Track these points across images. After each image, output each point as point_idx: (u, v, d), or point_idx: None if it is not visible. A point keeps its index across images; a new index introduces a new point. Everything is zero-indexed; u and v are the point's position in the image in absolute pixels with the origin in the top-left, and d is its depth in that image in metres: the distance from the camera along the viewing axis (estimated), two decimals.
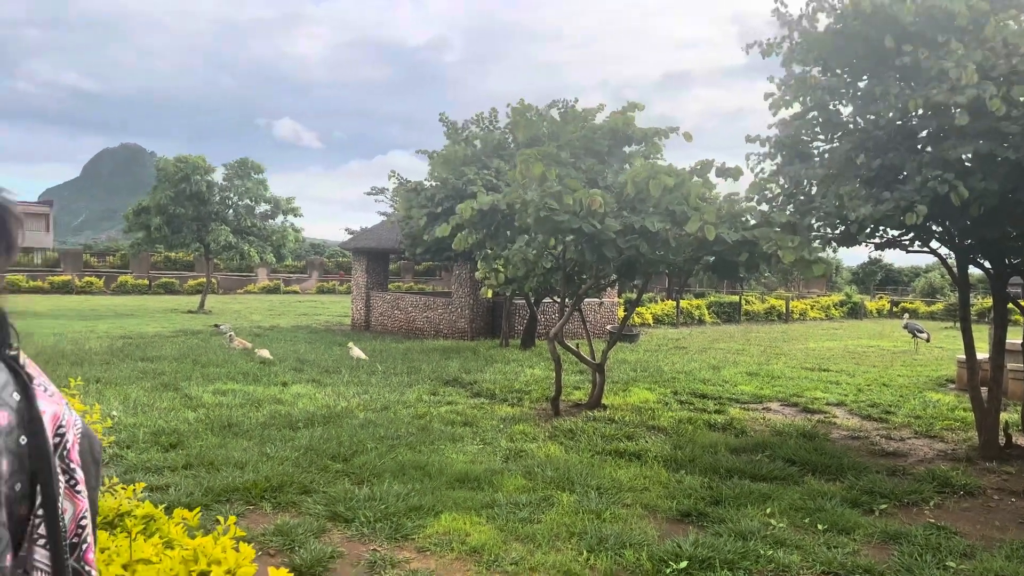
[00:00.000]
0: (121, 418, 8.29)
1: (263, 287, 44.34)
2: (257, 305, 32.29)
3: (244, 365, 12.55)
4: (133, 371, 11.69)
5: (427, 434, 8.15)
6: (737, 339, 21.86)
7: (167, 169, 25.90)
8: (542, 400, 10.49)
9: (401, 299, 21.62)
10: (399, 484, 6.29)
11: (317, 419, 8.65)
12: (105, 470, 6.41)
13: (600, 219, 7.30)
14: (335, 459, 7.00)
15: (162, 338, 17.17)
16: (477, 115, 17.40)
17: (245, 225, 26.89)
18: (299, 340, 17.51)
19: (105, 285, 40.63)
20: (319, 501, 5.85)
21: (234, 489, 6.01)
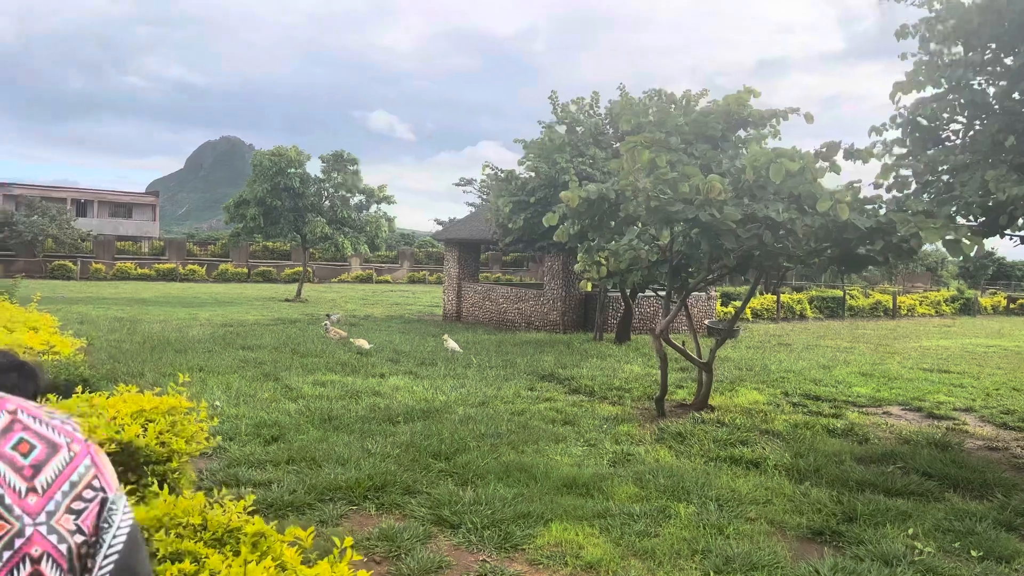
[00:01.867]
0: (224, 408, 8.31)
1: (356, 276, 45.16)
2: (351, 294, 32.80)
3: (342, 355, 12.56)
4: (234, 360, 11.84)
5: (528, 433, 7.84)
6: (844, 336, 20.75)
7: (262, 163, 26.48)
8: (644, 399, 10.05)
9: (492, 290, 21.44)
10: (504, 487, 6.00)
11: (416, 413, 8.47)
12: (208, 463, 6.38)
13: (719, 207, 6.80)
14: (437, 457, 6.77)
15: (261, 326, 17.49)
16: (577, 99, 16.95)
17: (340, 216, 27.27)
18: (393, 330, 17.54)
19: (207, 273, 42.19)
20: (423, 503, 5.62)
21: (336, 487, 5.85)
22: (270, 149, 26.85)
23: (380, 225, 27.73)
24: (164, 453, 3.88)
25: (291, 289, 31.74)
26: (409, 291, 37.25)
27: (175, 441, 3.93)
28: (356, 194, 27.90)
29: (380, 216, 28.12)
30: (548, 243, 15.73)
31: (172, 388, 4.51)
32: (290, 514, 5.34)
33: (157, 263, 42.08)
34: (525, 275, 45.92)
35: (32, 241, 37.68)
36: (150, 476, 3.78)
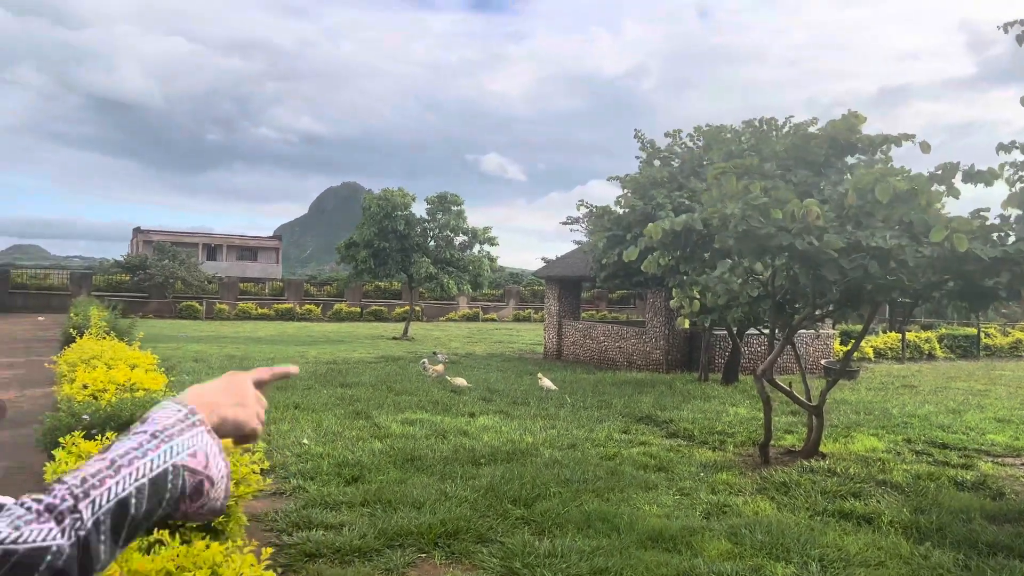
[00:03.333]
0: (311, 447, 8.29)
1: (463, 315, 45.60)
2: (457, 332, 33.06)
3: (436, 394, 12.47)
4: (331, 397, 11.94)
5: (617, 479, 7.40)
6: (978, 378, 19.03)
7: (371, 206, 27.21)
8: (748, 445, 9.38)
9: (593, 328, 21.01)
10: (583, 539, 5.61)
11: (501, 455, 8.18)
12: (284, 503, 6.30)
13: (818, 235, 6.24)
14: (516, 503, 6.45)
15: (364, 364, 17.72)
16: (674, 131, 16.53)
17: (445, 256, 27.62)
18: (491, 368, 17.39)
19: (322, 312, 43.63)
20: (495, 553, 5.30)
21: (408, 532, 5.62)
22: (378, 192, 27.61)
23: (482, 265, 27.89)
24: None
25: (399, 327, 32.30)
26: (513, 329, 37.20)
27: None
28: (460, 234, 28.21)
29: (483, 256, 28.30)
30: (647, 278, 15.24)
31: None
32: (356, 560, 5.14)
33: (276, 303, 43.87)
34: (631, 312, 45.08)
35: (163, 283, 40.10)
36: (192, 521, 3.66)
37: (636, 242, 14.08)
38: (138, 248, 56.29)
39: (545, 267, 23.24)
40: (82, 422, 5.47)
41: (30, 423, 9.56)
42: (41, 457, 7.90)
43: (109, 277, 41.03)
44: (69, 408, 5.90)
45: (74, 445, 4.07)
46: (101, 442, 4.14)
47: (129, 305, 34.92)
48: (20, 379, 14.04)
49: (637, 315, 41.43)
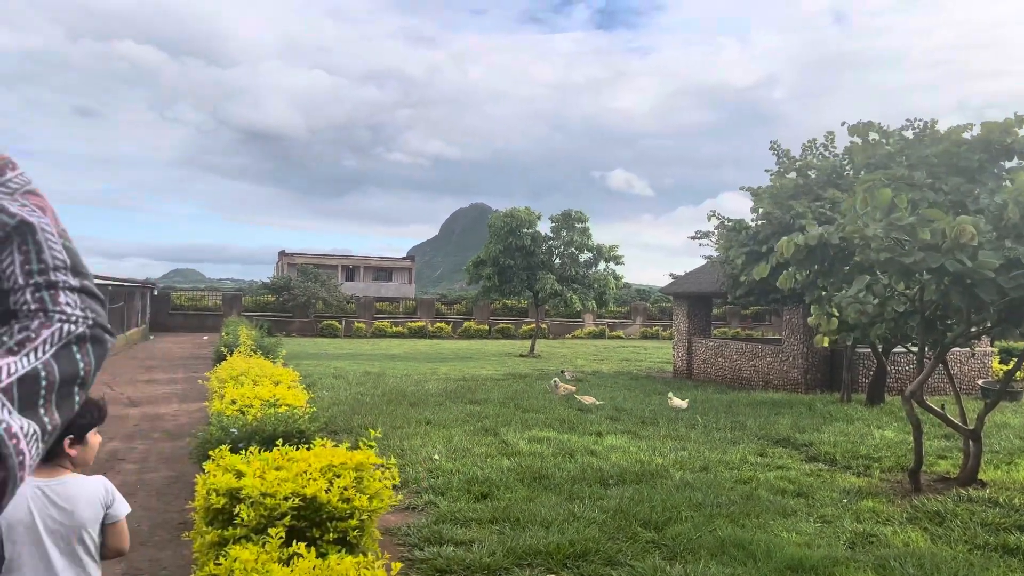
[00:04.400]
0: (442, 463, 8.45)
1: (589, 332, 45.41)
2: (582, 350, 32.94)
3: (562, 412, 12.44)
4: (460, 414, 12.15)
5: (752, 504, 7.09)
6: None
7: (496, 224, 27.65)
8: (896, 470, 8.78)
9: (725, 346, 20.37)
10: (717, 565, 5.40)
11: (629, 476, 8.03)
12: (416, 518, 6.43)
13: (971, 254, 5.77)
14: (646, 526, 6.31)
15: (492, 381, 17.94)
16: (810, 141, 15.83)
17: (569, 273, 27.64)
18: (619, 387, 17.17)
19: (452, 330, 44.65)
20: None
21: (536, 552, 5.60)
22: (504, 211, 28.02)
23: (608, 282, 27.70)
24: (346, 510, 3.87)
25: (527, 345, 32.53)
26: (641, 347, 36.65)
27: (358, 498, 3.91)
28: (585, 251, 28.16)
29: (608, 274, 28.11)
30: (783, 295, 14.63)
31: (363, 443, 4.56)
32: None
33: (410, 321, 45.29)
34: (766, 329, 43.41)
35: (306, 303, 42.27)
36: (331, 533, 3.79)
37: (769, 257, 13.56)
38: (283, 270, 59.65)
39: (674, 283, 22.79)
40: (230, 435, 5.82)
41: (187, 436, 10.28)
42: (195, 468, 8.47)
43: (257, 298, 43.73)
44: (219, 422, 6.29)
45: (221, 458, 4.31)
46: (246, 455, 4.37)
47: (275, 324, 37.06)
48: (179, 394, 15.13)
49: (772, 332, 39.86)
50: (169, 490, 7.66)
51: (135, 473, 8.39)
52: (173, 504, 7.08)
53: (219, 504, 3.82)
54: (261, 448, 4.66)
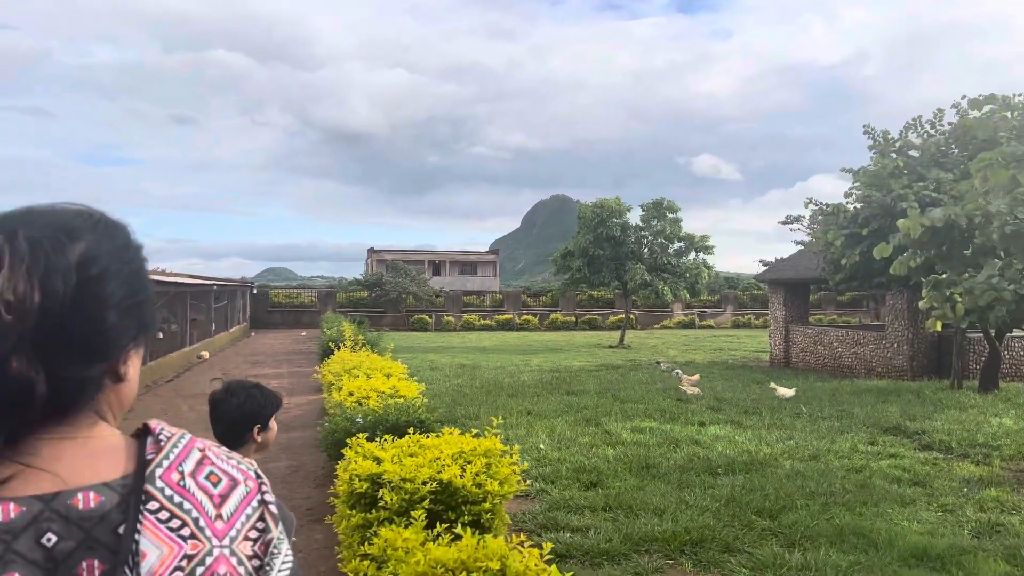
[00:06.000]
0: (547, 452, 8.61)
1: (678, 322, 44.89)
2: (673, 340, 32.62)
3: (662, 402, 12.43)
4: (559, 404, 12.30)
5: (868, 493, 6.98)
6: None
7: (585, 215, 27.64)
8: (1019, 459, 8.45)
9: (824, 333, 19.85)
10: (838, 553, 5.37)
11: (738, 465, 8.01)
12: (531, 505, 6.61)
13: None
14: (760, 514, 6.30)
15: (585, 372, 18.03)
16: (914, 119, 15.24)
17: (660, 263, 27.41)
18: (715, 376, 16.99)
19: (539, 322, 44.90)
20: (744, 563, 5.23)
21: (652, 539, 5.69)
22: (593, 202, 27.99)
23: (700, 272, 27.33)
24: (479, 494, 4.06)
25: (615, 336, 32.43)
26: (732, 336, 36.00)
27: (489, 483, 4.10)
28: (675, 241, 27.86)
29: (700, 263, 27.74)
30: (888, 279, 14.17)
31: (488, 431, 4.75)
32: (605, 563, 5.30)
33: (497, 314, 45.78)
34: (864, 316, 41.92)
35: (397, 299, 43.30)
36: (466, 516, 3.98)
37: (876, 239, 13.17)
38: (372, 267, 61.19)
39: (768, 270, 22.34)
40: (356, 425, 6.12)
41: (301, 427, 10.78)
42: (314, 457, 8.90)
43: (350, 294, 45.07)
44: (343, 413, 6.62)
45: (359, 446, 4.58)
46: (381, 442, 4.62)
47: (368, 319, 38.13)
48: (287, 388, 15.81)
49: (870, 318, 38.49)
50: (291, 478, 8.07)
51: (258, 464, 8.86)
52: (298, 491, 7.47)
53: (362, 489, 4.07)
54: (394, 437, 4.91)
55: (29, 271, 0.83)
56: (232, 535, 0.88)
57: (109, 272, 0.89)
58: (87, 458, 0.88)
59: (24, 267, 0.83)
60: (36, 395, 0.83)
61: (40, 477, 0.85)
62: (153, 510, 0.85)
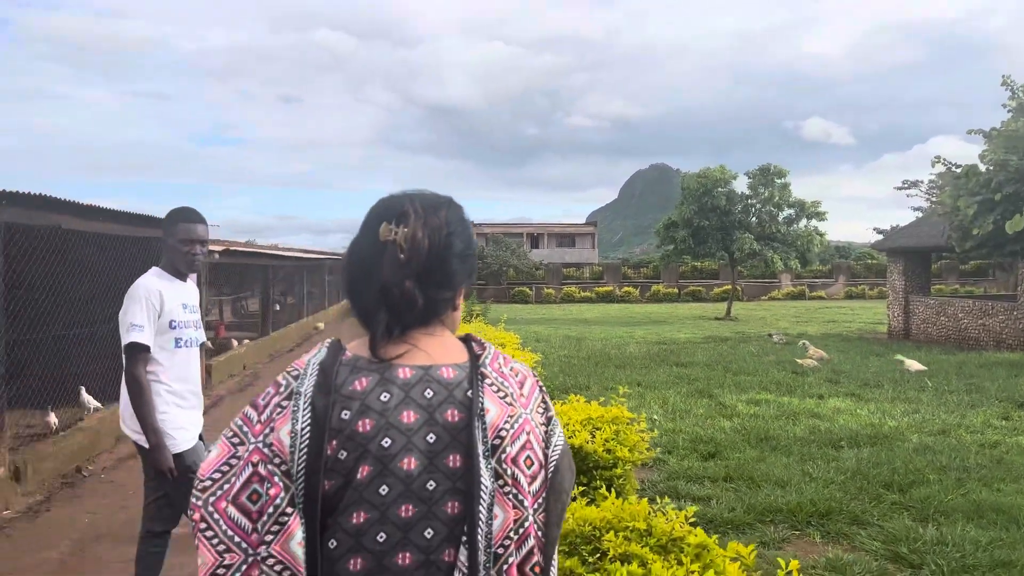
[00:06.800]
0: (660, 422, 8.62)
1: (787, 293, 43.58)
2: (782, 311, 31.72)
3: (776, 374, 12.18)
4: (669, 376, 12.24)
5: (1005, 469, 6.68)
6: None
7: (689, 185, 27.10)
8: None
9: (948, 304, 18.86)
10: (976, 529, 5.18)
11: (861, 439, 7.79)
12: (649, 474, 6.66)
13: None
14: (888, 488, 6.14)
15: (692, 344, 17.82)
16: None
17: (768, 232, 26.60)
18: (831, 348, 16.45)
19: (640, 294, 44.53)
20: (875, 536, 5.13)
21: (776, 510, 5.64)
22: (696, 171, 27.41)
23: (811, 239, 26.37)
24: (610, 459, 4.14)
25: (719, 308, 31.83)
26: (846, 307, 34.66)
27: (619, 449, 4.17)
28: (785, 208, 26.96)
29: (811, 231, 26.76)
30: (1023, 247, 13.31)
31: (615, 399, 4.81)
32: (728, 532, 5.30)
33: (596, 286, 45.66)
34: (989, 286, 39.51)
35: (497, 271, 43.81)
36: (598, 480, 4.07)
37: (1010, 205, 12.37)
38: None
39: (886, 238, 21.39)
40: None
41: None
42: None
43: None
44: None
45: None
46: None
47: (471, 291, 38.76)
48: None
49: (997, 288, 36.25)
50: None
51: None
52: None
53: None
54: None
55: (424, 226, 1.26)
56: (530, 407, 1.27)
57: (456, 233, 1.31)
58: (443, 347, 1.29)
59: (421, 222, 1.26)
60: (417, 306, 1.24)
61: (420, 355, 1.26)
62: (488, 383, 1.24)
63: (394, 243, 1.23)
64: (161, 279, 3.59)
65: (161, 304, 3.50)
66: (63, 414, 8.12)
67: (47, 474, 6.82)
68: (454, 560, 1.15)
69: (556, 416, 1.29)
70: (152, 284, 3.54)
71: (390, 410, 1.18)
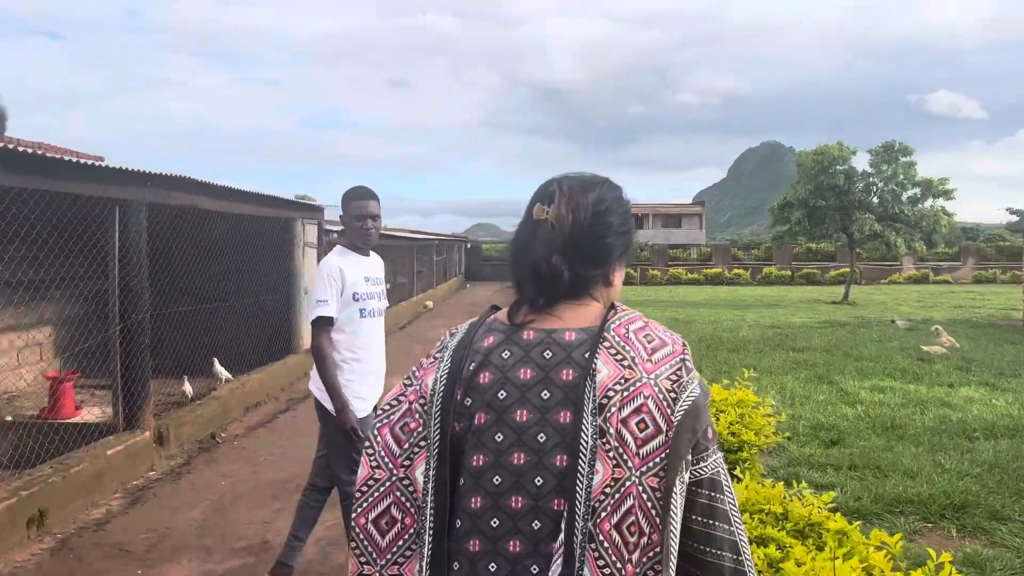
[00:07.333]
0: (779, 408, 8.38)
1: (908, 276, 41.36)
2: (904, 296, 30.14)
3: (901, 361, 11.61)
4: (784, 361, 11.87)
5: None
6: None
7: (805, 163, 25.99)
8: None
9: None
10: None
11: (999, 430, 7.34)
12: (768, 459, 6.50)
13: None
14: None
15: (808, 328, 17.19)
16: None
17: (891, 212, 25.23)
18: (959, 335, 15.50)
19: (751, 276, 43.27)
20: (1017, 532, 4.83)
21: (906, 501, 5.40)
22: (812, 148, 26.28)
23: (938, 220, 24.84)
24: (735, 443, 4.07)
25: (835, 291, 30.55)
26: (974, 292, 32.58)
27: (744, 432, 4.10)
28: (909, 187, 25.50)
29: (938, 211, 25.20)
30: None
31: (738, 383, 4.71)
32: (855, 521, 5.10)
33: (704, 268, 44.68)
34: None
35: None
36: None
37: None
38: None
39: (1022, 219, 19.92)
40: None
41: None
42: None
43: None
44: None
45: None
46: None
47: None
48: None
49: None
50: None
51: None
52: None
53: None
54: None
55: (568, 204, 1.33)
56: (657, 373, 1.26)
57: (611, 210, 1.37)
58: (578, 316, 1.34)
59: (565, 201, 1.33)
60: (563, 280, 1.31)
61: (552, 321, 1.34)
62: (606, 347, 1.27)
63: (546, 222, 1.32)
64: (342, 256, 3.83)
65: (343, 279, 3.74)
66: (197, 384, 8.66)
67: (186, 439, 7.29)
68: (562, 509, 1.22)
69: (696, 388, 1.26)
70: (333, 262, 3.79)
71: (508, 367, 1.31)
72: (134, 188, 6.50)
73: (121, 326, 6.46)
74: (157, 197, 6.91)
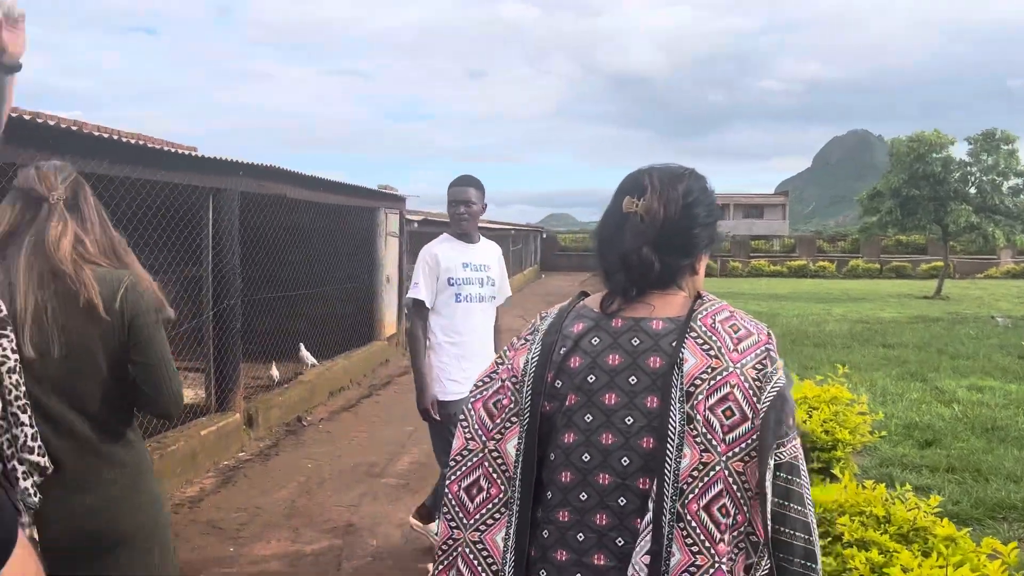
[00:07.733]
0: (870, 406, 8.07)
1: (1006, 271, 39.30)
2: (1001, 291, 28.62)
3: (1000, 359, 11.03)
4: (875, 357, 11.43)
5: None
6: None
7: (899, 151, 24.90)
8: None
9: None
10: None
11: None
12: (859, 459, 6.27)
13: None
14: None
15: (899, 324, 16.52)
16: None
17: (990, 203, 23.95)
18: None
19: (836, 269, 41.87)
20: None
21: (1010, 507, 5.12)
22: (907, 136, 25.16)
23: None
24: (828, 441, 3.94)
25: (926, 285, 29.24)
26: None
27: (839, 431, 3.95)
28: (1011, 177, 24.15)
29: None
30: None
31: (832, 379, 4.55)
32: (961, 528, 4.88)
33: (788, 260, 43.47)
34: None
35: None
36: (815, 462, 3.88)
37: None
38: None
39: None
40: None
41: None
42: None
43: None
44: None
45: None
46: None
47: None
48: None
49: None
50: None
51: None
52: None
53: None
54: None
55: (660, 198, 1.38)
56: (743, 363, 1.30)
57: (698, 201, 1.42)
58: (666, 305, 1.39)
59: (657, 195, 1.38)
60: (653, 270, 1.36)
61: (642, 310, 1.39)
62: (693, 336, 1.32)
63: (635, 214, 1.37)
64: (443, 242, 3.97)
65: (437, 264, 3.86)
66: (283, 368, 8.91)
67: (274, 422, 7.52)
68: (648, 488, 1.28)
69: (781, 377, 1.29)
70: (431, 248, 3.94)
71: (598, 352, 1.38)
72: (228, 177, 6.72)
73: (214, 311, 6.70)
74: (249, 186, 7.12)
